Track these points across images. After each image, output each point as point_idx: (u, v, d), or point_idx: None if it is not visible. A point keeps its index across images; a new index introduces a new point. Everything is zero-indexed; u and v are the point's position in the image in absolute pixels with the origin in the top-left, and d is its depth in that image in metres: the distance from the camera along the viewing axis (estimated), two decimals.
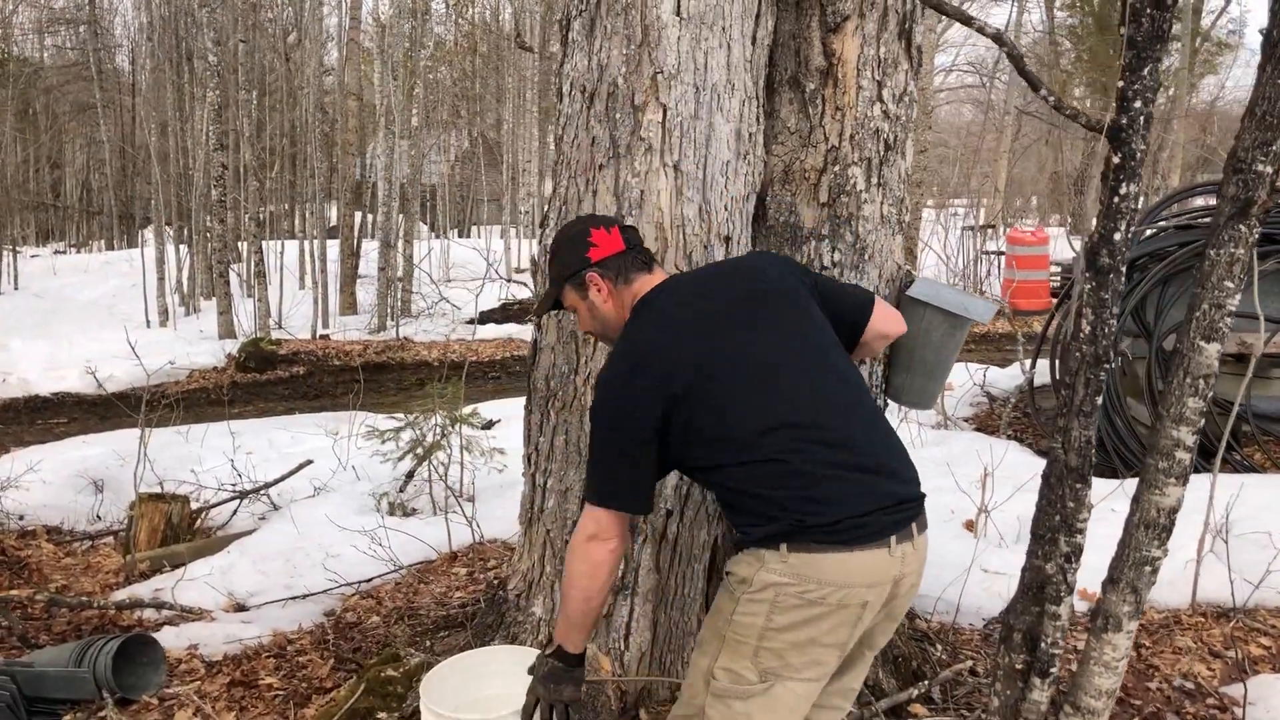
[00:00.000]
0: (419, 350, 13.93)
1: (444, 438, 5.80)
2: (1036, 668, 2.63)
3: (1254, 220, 2.33)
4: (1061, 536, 2.57)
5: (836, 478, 2.04)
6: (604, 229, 2.35)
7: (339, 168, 20.39)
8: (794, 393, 2.11)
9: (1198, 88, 25.65)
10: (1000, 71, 22.58)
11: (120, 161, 28.39)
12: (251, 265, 15.85)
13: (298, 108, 21.16)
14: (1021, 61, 2.22)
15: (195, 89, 18.80)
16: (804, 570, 2.00)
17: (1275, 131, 2.30)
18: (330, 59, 25.01)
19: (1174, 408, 2.45)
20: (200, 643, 4.07)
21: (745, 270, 2.40)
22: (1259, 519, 4.45)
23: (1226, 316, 2.39)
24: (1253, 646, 3.77)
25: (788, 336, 2.19)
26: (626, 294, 2.32)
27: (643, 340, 2.21)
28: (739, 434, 2.07)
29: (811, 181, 3.07)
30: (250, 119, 17.34)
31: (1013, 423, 7.70)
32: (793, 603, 2.01)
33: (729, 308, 2.22)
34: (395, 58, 16.96)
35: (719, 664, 2.10)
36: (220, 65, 15.30)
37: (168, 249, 18.30)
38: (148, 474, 5.60)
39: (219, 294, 15.26)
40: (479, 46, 28.81)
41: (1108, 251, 2.43)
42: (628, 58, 2.82)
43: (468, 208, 34.78)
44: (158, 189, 18.99)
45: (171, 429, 7.14)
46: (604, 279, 2.32)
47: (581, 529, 2.17)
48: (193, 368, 12.43)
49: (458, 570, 4.86)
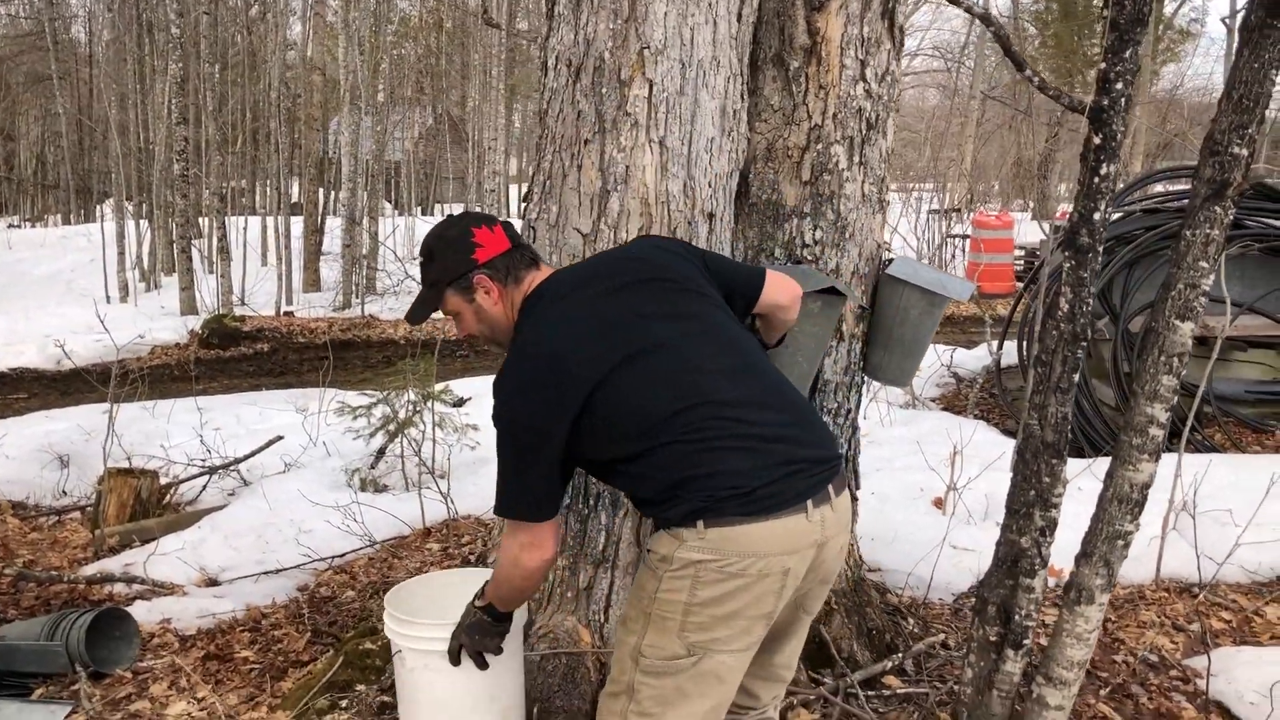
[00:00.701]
0: (385, 328, 13.84)
1: (416, 414, 5.79)
2: (1010, 639, 2.69)
3: (1229, 202, 2.38)
4: (1036, 511, 2.63)
5: (743, 449, 2.03)
6: (486, 227, 2.27)
7: (302, 144, 20.16)
8: (692, 374, 2.08)
9: (1159, 75, 25.96)
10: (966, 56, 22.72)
11: (77, 134, 27.87)
12: (214, 241, 15.65)
13: (260, 82, 20.88)
14: (1007, 42, 2.26)
15: (156, 61, 18.48)
16: (722, 545, 1.99)
17: (1251, 115, 2.35)
18: (293, 33, 24.73)
19: (1148, 385, 2.50)
20: (173, 617, 4.05)
21: (630, 260, 2.32)
22: (1220, 497, 4.55)
23: (1201, 296, 2.44)
24: (1214, 620, 3.87)
25: (680, 319, 2.16)
26: (516, 294, 2.26)
27: (542, 346, 2.14)
28: (643, 425, 2.04)
29: (794, 159, 3.09)
30: (214, 93, 17.10)
31: (980, 403, 7.80)
32: (714, 577, 2.00)
33: (620, 300, 2.17)
34: (361, 33, 16.78)
35: (646, 641, 2.08)
36: (182, 38, 15.07)
37: (128, 224, 18.03)
38: (115, 449, 5.55)
39: (181, 270, 15.07)
40: (444, 22, 28.57)
41: (1087, 230, 2.48)
42: (614, 32, 2.82)
43: (432, 185, 34.53)
44: (117, 163, 18.67)
45: (137, 404, 7.06)
46: (494, 280, 2.25)
47: (511, 540, 2.15)
48: (155, 344, 12.29)
49: (432, 546, 4.87)
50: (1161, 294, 2.48)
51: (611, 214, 2.88)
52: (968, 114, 22.85)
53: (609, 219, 2.88)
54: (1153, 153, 23.13)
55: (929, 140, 25.22)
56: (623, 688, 2.14)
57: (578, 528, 3.05)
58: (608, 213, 2.88)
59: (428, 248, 2.32)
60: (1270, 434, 6.53)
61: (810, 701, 3.14)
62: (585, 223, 2.91)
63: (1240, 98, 2.35)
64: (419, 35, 29.86)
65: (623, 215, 2.88)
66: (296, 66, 21.57)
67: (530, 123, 30.77)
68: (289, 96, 18.37)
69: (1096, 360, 6.91)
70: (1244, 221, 6.65)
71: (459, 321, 2.33)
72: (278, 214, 17.60)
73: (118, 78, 20.82)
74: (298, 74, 20.76)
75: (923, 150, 25.00)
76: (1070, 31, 23.18)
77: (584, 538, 3.05)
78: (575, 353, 2.09)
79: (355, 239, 16.42)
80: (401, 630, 2.50)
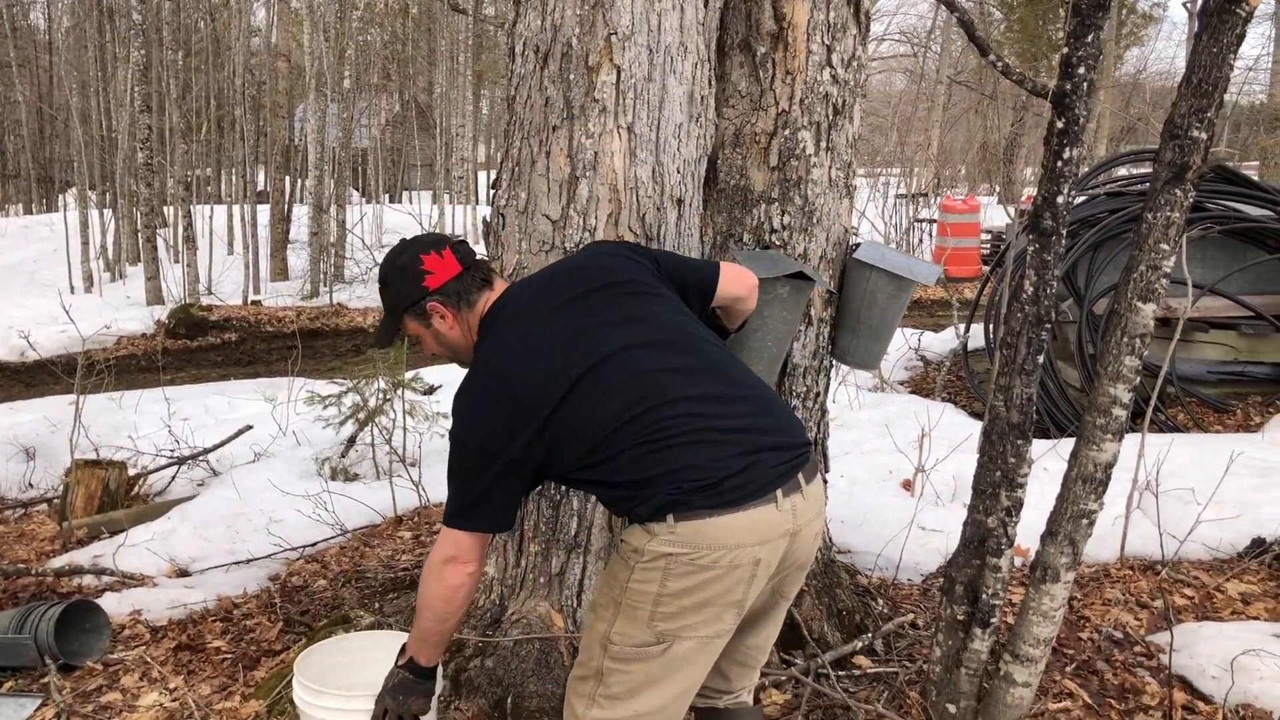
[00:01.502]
0: (354, 316, 13.78)
1: (386, 402, 5.78)
2: (977, 618, 2.73)
3: (1189, 185, 2.42)
4: (1003, 491, 2.66)
5: (704, 442, 2.03)
6: (435, 253, 2.28)
7: (268, 131, 19.96)
8: (647, 376, 2.08)
9: (1123, 59, 26.18)
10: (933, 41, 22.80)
11: (38, 123, 27.47)
12: (180, 230, 15.50)
13: (225, 69, 20.65)
14: (972, 27, 2.28)
15: (118, 48, 18.23)
16: (693, 538, 1.99)
17: (1210, 99, 2.39)
18: (258, 19, 24.44)
19: (1111, 365, 2.54)
20: (144, 608, 4.03)
21: (579, 270, 2.32)
22: (1182, 476, 4.62)
23: (1162, 278, 2.48)
24: (1177, 597, 3.93)
25: (631, 323, 2.16)
26: (470, 316, 2.28)
27: (498, 365, 2.15)
28: (600, 434, 2.05)
29: (762, 145, 3.11)
30: (177, 80, 16.89)
31: (947, 385, 7.87)
32: (685, 569, 2.01)
33: (572, 312, 2.17)
34: (326, 19, 16.62)
35: (615, 630, 2.09)
36: (145, 24, 14.88)
37: (91, 213, 17.81)
38: (82, 441, 5.51)
39: (146, 259, 14.91)
40: (410, 8, 28.32)
41: (1050, 214, 2.51)
42: (581, 18, 2.82)
43: (399, 173, 34.31)
44: (80, 151, 18.43)
45: (104, 395, 7.01)
46: (445, 306, 2.27)
47: (438, 551, 2.14)
48: (121, 334, 12.17)
49: (403, 534, 4.87)
50: (1124, 276, 2.52)
51: (580, 200, 2.89)
52: (934, 99, 22.96)
53: (578, 205, 2.89)
54: (1117, 136, 23.35)
55: (896, 125, 25.33)
56: (591, 671, 2.15)
57: (550, 513, 3.06)
58: (577, 199, 2.89)
59: (383, 275, 2.35)
60: (1231, 414, 6.64)
61: (781, 682, 3.17)
62: (554, 209, 2.91)
63: (1199, 82, 2.38)
64: (385, 21, 29.58)
65: (591, 201, 2.88)
66: (261, 53, 21.34)
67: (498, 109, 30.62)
68: (254, 83, 18.18)
69: (1062, 342, 6.99)
70: (1205, 204, 6.74)
71: (422, 343, 2.37)
72: (244, 202, 17.42)
73: (78, 65, 20.54)
74: (262, 61, 20.56)
75: (890, 135, 25.10)
76: (1035, 16, 23.29)
77: (556, 523, 3.06)
78: (529, 375, 2.09)
79: (323, 227, 16.31)
80: (311, 700, 2.46)
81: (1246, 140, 23.34)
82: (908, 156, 22.12)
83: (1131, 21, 24.76)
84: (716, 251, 3.18)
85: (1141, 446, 4.34)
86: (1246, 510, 4.41)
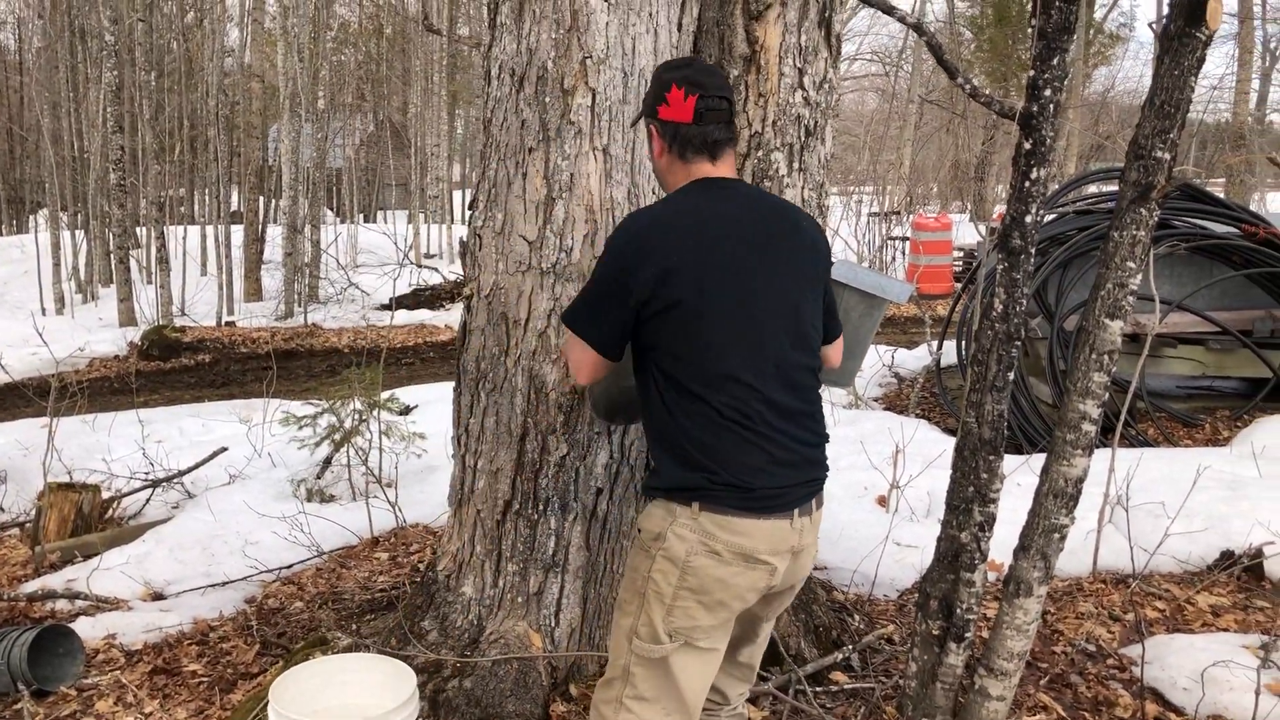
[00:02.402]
0: (329, 337, 13.72)
1: (362, 423, 5.77)
2: (952, 633, 2.76)
3: (1154, 204, 2.47)
4: (975, 506, 2.70)
5: (764, 450, 2.10)
6: (683, 91, 2.23)
7: (241, 151, 19.90)
8: (767, 354, 2.13)
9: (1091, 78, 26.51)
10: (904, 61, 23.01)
11: (8, 143, 27.28)
12: (153, 251, 15.41)
13: (198, 89, 20.59)
14: (940, 50, 2.32)
15: (90, 69, 18.16)
16: (713, 529, 2.07)
17: (1173, 120, 2.44)
18: (231, 40, 24.39)
19: (1080, 382, 2.58)
20: (118, 632, 4.00)
21: (790, 220, 2.30)
22: (1153, 490, 4.68)
23: (1129, 295, 2.53)
24: (1149, 610, 3.98)
25: (785, 300, 2.19)
26: (679, 168, 2.26)
27: (663, 222, 2.18)
28: (702, 365, 2.09)
29: (735, 166, 3.14)
30: (150, 100, 16.82)
31: (921, 402, 7.93)
32: (705, 561, 2.08)
33: (755, 243, 2.18)
34: (300, 39, 16.62)
35: (640, 621, 2.15)
36: (117, 45, 14.83)
37: (63, 234, 17.69)
38: (55, 464, 5.46)
39: (119, 281, 14.82)
40: (384, 28, 28.34)
41: (1019, 233, 2.56)
42: (556, 42, 2.85)
43: (374, 192, 34.26)
44: (51, 172, 18.32)
45: (77, 418, 6.95)
46: (660, 138, 2.27)
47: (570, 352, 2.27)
48: (94, 356, 12.08)
49: (380, 555, 4.85)
50: (1092, 294, 2.57)
51: (557, 221, 2.91)
52: (906, 118, 23.14)
53: (554, 226, 2.91)
54: (1086, 154, 23.62)
55: (868, 144, 25.52)
56: (618, 673, 2.20)
57: (527, 533, 3.07)
58: (553, 220, 2.91)
59: (657, 71, 2.36)
60: (1200, 428, 6.72)
61: (759, 697, 3.19)
62: (531, 230, 2.94)
63: (1162, 104, 2.44)
64: (359, 41, 29.60)
65: (568, 222, 2.91)
66: (235, 73, 21.29)
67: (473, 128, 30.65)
68: (227, 104, 18.14)
69: (1034, 359, 7.06)
70: (1172, 221, 6.85)
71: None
72: (217, 223, 17.35)
73: (50, 85, 20.42)
74: (236, 81, 20.50)
75: (862, 154, 25.29)
76: (1005, 36, 23.59)
77: (534, 543, 3.07)
78: (679, 252, 2.11)
79: (297, 247, 16.26)
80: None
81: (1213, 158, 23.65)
82: (880, 175, 22.30)
83: (1099, 41, 25.09)
84: None
85: (1112, 461, 4.39)
86: (1216, 523, 4.47)
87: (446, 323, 14.21)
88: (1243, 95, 16.66)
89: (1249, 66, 16.97)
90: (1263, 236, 6.73)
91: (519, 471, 3.05)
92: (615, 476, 3.07)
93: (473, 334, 3.15)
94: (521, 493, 3.06)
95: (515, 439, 3.04)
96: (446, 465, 4.42)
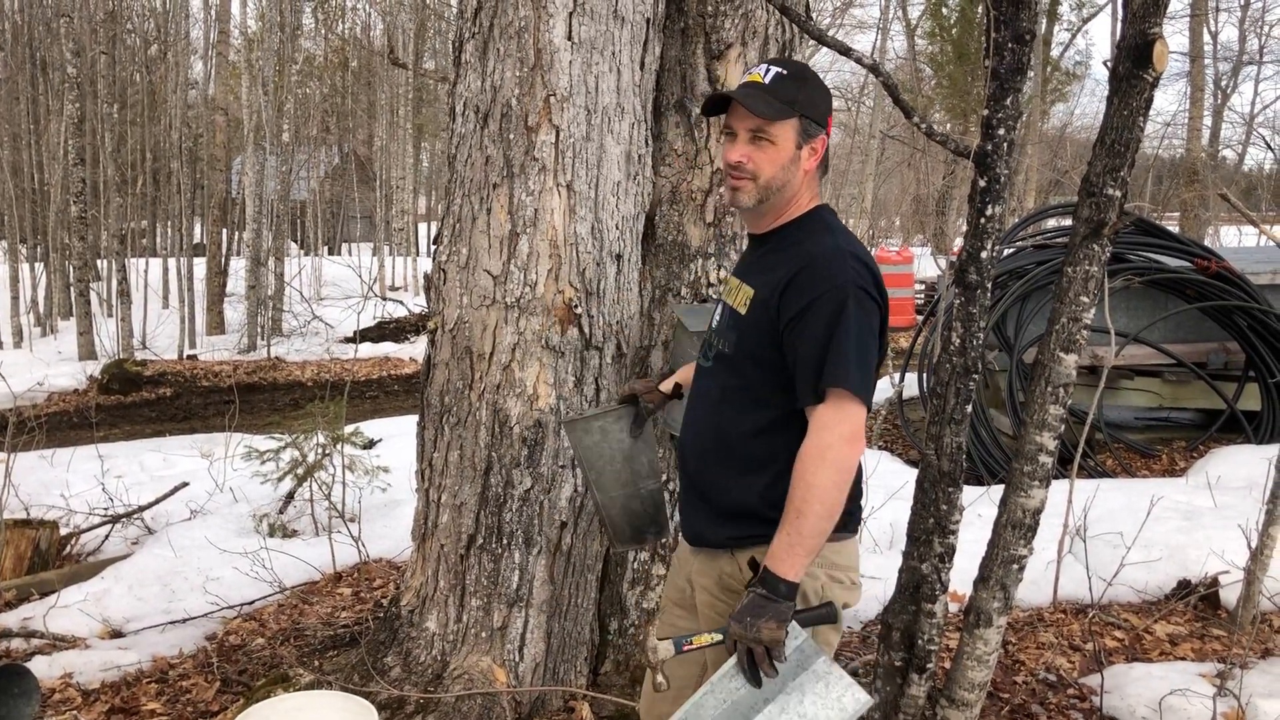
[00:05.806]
0: (292, 370, 13.64)
1: (326, 457, 5.73)
2: (914, 664, 2.77)
3: (1106, 240, 2.53)
4: (935, 538, 2.72)
5: None
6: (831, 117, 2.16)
7: (205, 184, 19.82)
8: None
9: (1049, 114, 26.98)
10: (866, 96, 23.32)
11: None
12: (114, 284, 15.27)
13: (161, 122, 20.51)
14: (896, 90, 2.37)
15: (52, 101, 18.06)
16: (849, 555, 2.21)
17: (1123, 158, 2.50)
18: (195, 72, 24.34)
19: (1036, 414, 2.63)
20: (75, 671, 3.94)
21: None
22: (1111, 520, 4.74)
23: (1083, 329, 2.58)
24: (1108, 639, 4.02)
25: None
26: (813, 183, 2.16)
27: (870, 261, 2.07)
28: None
29: (698, 202, 3.18)
30: (113, 133, 16.73)
31: (884, 434, 7.99)
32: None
33: None
34: (265, 72, 16.62)
35: None
36: (79, 77, 14.76)
37: (22, 267, 17.50)
38: (12, 500, 5.38)
39: (79, 313, 14.67)
40: (350, 61, 28.42)
41: (975, 269, 2.60)
42: (521, 80, 2.89)
43: (339, 225, 34.19)
44: (11, 204, 18.15)
45: (35, 453, 6.86)
46: (823, 151, 2.14)
47: (834, 430, 1.90)
48: (52, 390, 11.93)
49: (343, 590, 4.81)
50: (1047, 328, 2.62)
51: (521, 256, 2.94)
52: (868, 152, 23.44)
53: (518, 260, 2.94)
54: (1045, 188, 23.99)
55: (830, 178, 25.81)
56: None
57: (491, 567, 3.07)
58: (517, 254, 2.94)
59: (800, 70, 2.13)
60: (1157, 458, 6.82)
61: None
62: (495, 264, 2.96)
63: (1113, 142, 2.50)
64: (324, 74, 29.64)
65: (532, 257, 2.93)
66: (198, 106, 21.24)
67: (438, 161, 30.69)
68: (190, 136, 18.08)
69: (994, 391, 7.15)
70: (1127, 255, 6.97)
71: (759, 149, 2.06)
72: (180, 255, 17.24)
73: (10, 117, 20.24)
74: (199, 113, 20.45)
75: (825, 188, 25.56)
76: (964, 73, 23.99)
77: (498, 577, 3.07)
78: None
79: (260, 280, 16.17)
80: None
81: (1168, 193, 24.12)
82: (843, 209, 22.54)
83: (1056, 78, 25.57)
84: (655, 305, 3.24)
85: (1070, 492, 4.44)
86: (1173, 553, 4.53)
87: (411, 355, 14.16)
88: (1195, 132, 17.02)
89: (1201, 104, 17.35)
90: (1214, 270, 6.86)
91: (483, 505, 3.06)
92: (579, 510, 3.08)
93: (437, 368, 3.16)
94: (485, 527, 3.06)
95: (479, 473, 3.04)
96: (410, 499, 4.40)
